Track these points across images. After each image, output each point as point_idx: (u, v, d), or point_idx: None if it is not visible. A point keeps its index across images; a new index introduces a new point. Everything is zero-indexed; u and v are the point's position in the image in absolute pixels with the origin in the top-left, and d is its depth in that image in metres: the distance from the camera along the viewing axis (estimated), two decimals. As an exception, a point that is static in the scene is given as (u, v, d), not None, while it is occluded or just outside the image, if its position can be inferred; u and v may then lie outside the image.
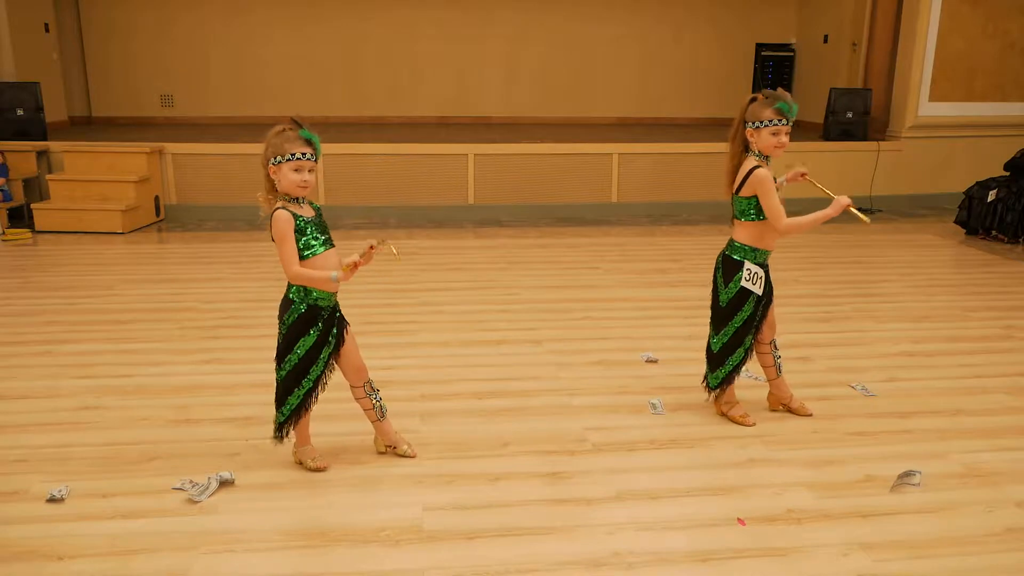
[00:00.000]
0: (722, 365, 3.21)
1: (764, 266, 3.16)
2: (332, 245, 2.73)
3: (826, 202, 2.97)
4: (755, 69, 10.43)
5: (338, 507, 2.63)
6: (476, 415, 3.35)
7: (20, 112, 7.51)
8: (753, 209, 3.05)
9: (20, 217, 7.15)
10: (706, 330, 3.15)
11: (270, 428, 2.85)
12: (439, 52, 10.28)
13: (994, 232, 6.86)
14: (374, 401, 2.90)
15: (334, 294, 2.75)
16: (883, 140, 8.38)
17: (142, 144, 7.38)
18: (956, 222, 7.17)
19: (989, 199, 6.85)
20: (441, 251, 6.42)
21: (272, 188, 2.66)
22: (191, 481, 2.74)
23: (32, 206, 6.97)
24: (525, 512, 2.61)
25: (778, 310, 4.76)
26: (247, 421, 3.23)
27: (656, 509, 2.64)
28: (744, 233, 3.12)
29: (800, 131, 10.01)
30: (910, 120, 8.33)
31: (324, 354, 2.75)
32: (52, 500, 2.63)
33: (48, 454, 2.96)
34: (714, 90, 10.63)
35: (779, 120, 2.96)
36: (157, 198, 7.41)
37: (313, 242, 2.66)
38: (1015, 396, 3.60)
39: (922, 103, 8.30)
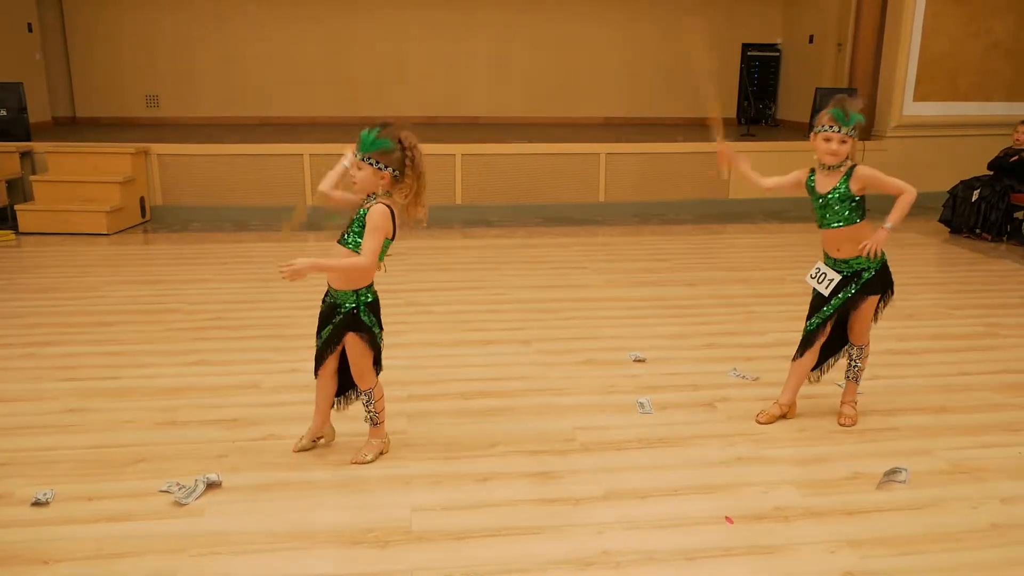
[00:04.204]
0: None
1: (841, 272, 3.13)
2: (345, 243, 2.70)
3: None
4: (741, 69, 10.47)
5: (326, 508, 2.63)
6: (464, 415, 3.34)
7: (3, 113, 7.43)
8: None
9: (3, 219, 7.08)
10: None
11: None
12: (426, 52, 10.26)
13: (978, 231, 6.91)
14: (365, 410, 2.92)
15: (335, 291, 2.76)
16: (868, 140, 8.43)
17: (127, 145, 7.33)
18: (940, 221, 7.22)
19: (973, 198, 6.90)
20: (429, 251, 6.41)
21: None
22: (178, 483, 2.72)
23: (16, 207, 6.90)
24: (514, 512, 2.61)
25: (765, 308, 4.80)
26: (234, 423, 3.22)
27: (644, 508, 2.64)
28: None
29: (786, 131, 10.08)
30: (895, 120, 8.38)
31: (323, 333, 2.80)
32: (37, 504, 2.61)
33: (33, 457, 2.93)
34: (700, 90, 10.66)
35: (829, 127, 2.98)
36: (142, 199, 7.36)
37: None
38: (1000, 393, 3.62)
39: (907, 103, 8.36)
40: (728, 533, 2.51)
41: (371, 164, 2.63)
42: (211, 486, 2.73)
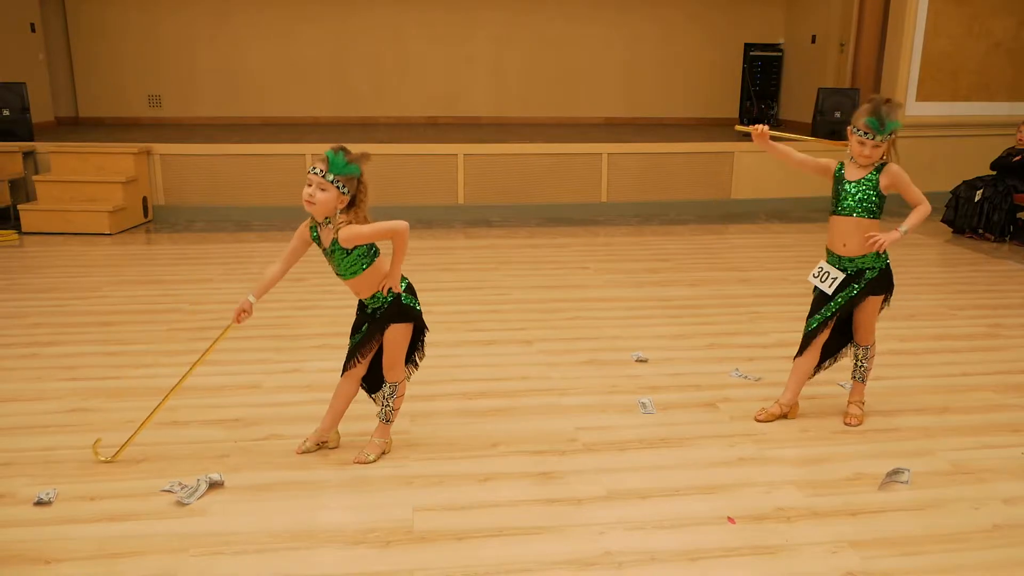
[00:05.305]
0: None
1: (844, 270, 3.13)
2: (352, 275, 2.79)
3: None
4: (743, 69, 10.47)
5: (327, 508, 2.63)
6: (466, 415, 3.34)
7: (6, 113, 7.45)
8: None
9: (6, 218, 7.10)
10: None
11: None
12: (427, 53, 10.26)
13: (981, 231, 6.90)
14: (382, 405, 2.93)
15: (368, 300, 2.85)
16: (870, 140, 8.41)
17: (130, 145, 7.34)
18: (943, 221, 7.21)
19: (976, 198, 6.89)
20: (430, 251, 6.41)
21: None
22: (180, 483, 2.73)
23: (18, 207, 6.91)
24: (515, 512, 2.61)
25: (767, 309, 4.80)
26: (236, 423, 3.22)
27: (646, 508, 2.64)
28: None
29: (788, 131, 10.05)
30: (897, 120, 8.37)
31: (355, 338, 2.87)
32: (39, 503, 2.62)
33: (35, 457, 2.94)
34: (702, 90, 10.67)
35: (865, 132, 2.99)
36: (145, 199, 7.37)
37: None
38: (1002, 393, 3.62)
39: (909, 103, 8.35)
40: (730, 533, 2.51)
41: (337, 187, 2.71)
42: (213, 486, 2.73)
